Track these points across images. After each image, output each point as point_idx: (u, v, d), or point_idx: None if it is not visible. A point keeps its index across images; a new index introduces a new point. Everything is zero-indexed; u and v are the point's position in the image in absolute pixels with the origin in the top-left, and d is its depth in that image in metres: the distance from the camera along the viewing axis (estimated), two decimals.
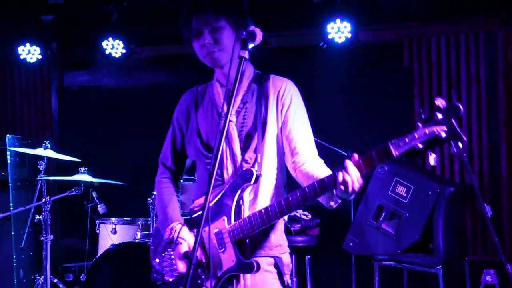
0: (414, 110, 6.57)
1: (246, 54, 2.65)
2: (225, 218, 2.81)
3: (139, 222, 5.22)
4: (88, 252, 5.59)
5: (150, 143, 6.90)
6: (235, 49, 2.64)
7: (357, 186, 2.52)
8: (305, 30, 6.48)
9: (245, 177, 2.78)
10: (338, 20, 5.89)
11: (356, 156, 2.56)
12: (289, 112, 3.00)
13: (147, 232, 5.03)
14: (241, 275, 2.77)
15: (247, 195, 2.88)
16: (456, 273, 5.34)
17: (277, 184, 2.99)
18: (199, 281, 2.85)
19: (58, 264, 6.08)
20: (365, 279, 5.71)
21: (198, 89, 3.31)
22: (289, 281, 2.95)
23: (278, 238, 2.92)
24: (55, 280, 5.57)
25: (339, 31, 5.95)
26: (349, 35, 5.96)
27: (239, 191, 2.79)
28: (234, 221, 2.77)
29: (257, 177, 2.77)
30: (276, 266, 2.88)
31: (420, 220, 4.95)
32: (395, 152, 2.45)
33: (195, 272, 2.81)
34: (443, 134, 2.36)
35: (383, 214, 5.17)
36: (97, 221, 5.44)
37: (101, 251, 5.16)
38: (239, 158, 2.92)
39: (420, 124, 2.42)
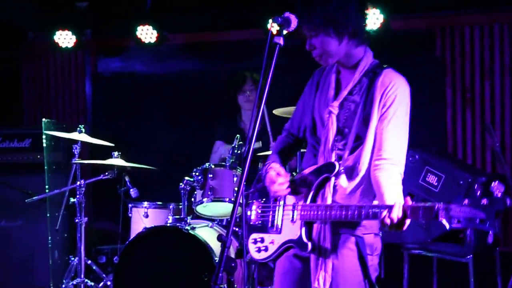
0: (446, 100, 6.54)
1: (281, 41, 2.69)
2: (305, 196, 2.93)
3: (171, 207, 5.25)
4: (121, 235, 5.62)
5: (181, 129, 7.02)
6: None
7: (395, 228, 2.58)
8: None
9: (328, 168, 2.86)
10: (369, 8, 5.89)
11: (408, 200, 2.58)
12: (387, 113, 2.92)
13: (179, 217, 5.06)
14: (322, 248, 2.88)
15: (332, 183, 2.92)
16: (487, 263, 5.31)
17: (367, 181, 2.96)
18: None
19: (92, 246, 6.16)
20: (394, 267, 5.71)
21: (325, 69, 3.24)
22: (375, 262, 2.98)
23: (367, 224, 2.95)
24: (89, 262, 5.63)
25: (371, 19, 5.95)
26: (381, 23, 5.95)
27: (321, 178, 2.87)
28: (310, 202, 2.87)
29: (338, 172, 2.84)
30: (357, 245, 2.92)
31: None
32: (440, 218, 2.49)
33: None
34: (478, 221, 2.39)
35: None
36: (130, 205, 5.47)
37: (133, 234, 5.20)
38: (332, 151, 2.95)
39: (466, 201, 2.43)
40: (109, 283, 5.42)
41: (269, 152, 5.20)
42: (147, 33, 6.60)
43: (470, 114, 6.49)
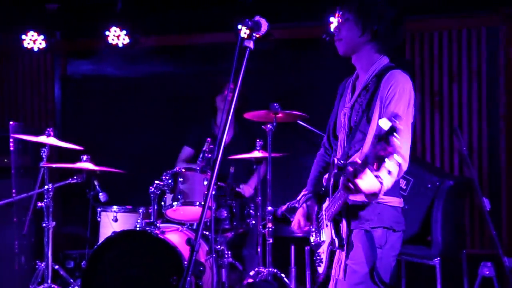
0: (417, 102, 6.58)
1: (251, 44, 2.70)
2: (327, 198, 3.09)
3: (140, 211, 5.24)
4: (89, 239, 5.59)
5: (153, 133, 7.01)
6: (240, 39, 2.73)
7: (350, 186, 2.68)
8: (308, 22, 6.49)
9: (338, 169, 2.98)
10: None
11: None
12: (387, 109, 3.01)
13: (148, 221, 5.05)
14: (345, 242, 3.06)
15: (342, 182, 2.92)
16: (454, 265, 5.36)
17: None
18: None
19: (60, 251, 6.12)
20: None
21: (347, 80, 3.39)
22: (387, 256, 3.02)
23: (369, 213, 3.03)
24: (56, 267, 5.58)
25: None
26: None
27: (332, 180, 3.01)
28: (329, 203, 3.06)
29: (345, 172, 2.82)
30: (366, 238, 3.01)
31: (419, 213, 4.97)
32: None
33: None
34: None
35: None
36: (99, 209, 5.46)
37: (102, 238, 5.18)
38: (344, 150, 3.11)
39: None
40: None
41: (243, 156, 5.24)
42: (118, 36, 6.56)
43: (438, 118, 6.53)
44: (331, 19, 5.91)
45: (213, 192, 4.96)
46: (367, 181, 2.65)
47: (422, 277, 5.52)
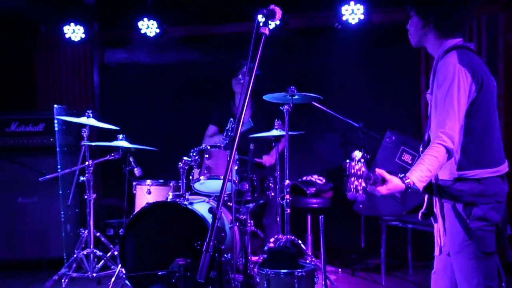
0: (420, 87, 6.57)
1: (266, 31, 2.74)
2: None
3: (171, 184, 5.30)
4: (126, 210, 5.64)
5: (181, 114, 7.05)
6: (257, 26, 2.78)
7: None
8: (321, 12, 6.47)
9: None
10: (352, 2, 5.90)
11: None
12: (435, 95, 3.07)
13: (178, 193, 5.09)
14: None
15: None
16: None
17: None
18: None
19: (100, 220, 6.19)
20: (372, 237, 5.79)
21: None
22: (477, 227, 3.00)
23: (451, 189, 3.04)
24: (98, 234, 5.69)
25: (352, 13, 5.97)
26: (362, 17, 5.97)
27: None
28: None
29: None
30: (453, 210, 3.03)
31: None
32: None
33: None
34: None
35: None
36: (134, 183, 5.53)
37: (137, 209, 5.23)
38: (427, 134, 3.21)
39: None
40: (116, 253, 5.47)
41: (262, 134, 5.27)
42: (149, 26, 6.61)
43: None
44: (342, 9, 5.90)
45: (236, 167, 5.03)
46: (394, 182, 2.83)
47: (427, 243, 5.53)
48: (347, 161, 2.75)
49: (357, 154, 2.78)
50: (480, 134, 3.05)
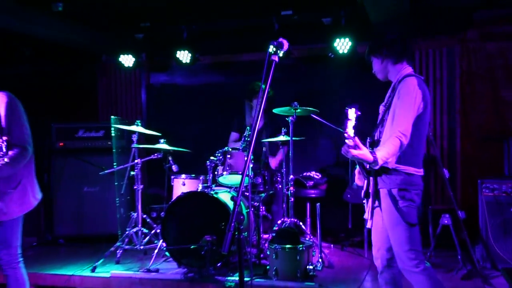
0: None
1: (276, 58, 2.73)
2: None
3: (201, 178, 5.27)
4: (166, 197, 5.69)
5: (207, 124, 7.06)
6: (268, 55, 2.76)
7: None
8: (318, 44, 6.44)
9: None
10: (342, 38, 5.86)
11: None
12: (396, 103, 3.15)
13: (206, 185, 5.09)
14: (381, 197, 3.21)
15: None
16: (423, 217, 5.32)
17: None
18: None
19: (146, 205, 6.17)
20: (357, 220, 5.71)
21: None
22: (406, 205, 3.12)
23: (387, 178, 3.14)
24: (144, 216, 5.68)
25: (342, 45, 5.92)
26: (350, 48, 5.92)
27: None
28: None
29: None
30: (390, 195, 3.12)
31: None
32: None
33: None
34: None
35: None
36: (172, 177, 5.51)
37: (174, 197, 5.22)
38: (378, 131, 3.31)
39: None
40: (158, 230, 5.47)
41: (272, 139, 5.25)
42: (185, 55, 6.60)
43: None
44: (334, 42, 5.86)
45: (251, 165, 5.00)
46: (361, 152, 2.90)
47: None
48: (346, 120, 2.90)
49: (350, 112, 2.90)
50: (416, 142, 3.14)
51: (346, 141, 2.85)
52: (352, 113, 2.90)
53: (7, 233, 3.62)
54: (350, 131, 2.86)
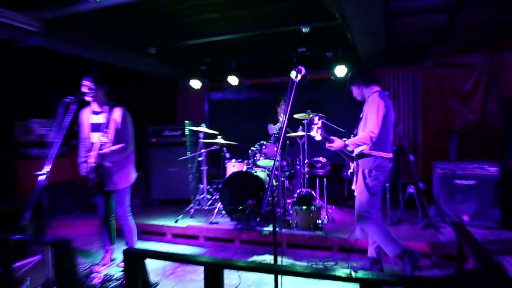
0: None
1: (297, 80, 2.76)
2: None
3: (245, 162, 5.31)
4: (222, 175, 5.71)
5: (248, 126, 7.08)
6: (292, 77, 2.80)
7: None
8: (324, 70, 6.37)
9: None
10: (340, 66, 5.78)
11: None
12: (367, 111, 3.26)
13: (249, 166, 5.11)
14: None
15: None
16: (395, 187, 5.26)
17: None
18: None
19: (209, 180, 6.25)
20: (350, 190, 5.61)
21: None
22: (371, 181, 3.25)
23: (363, 161, 3.28)
24: (208, 187, 5.77)
25: (340, 71, 5.84)
26: (346, 72, 5.84)
27: None
28: None
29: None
30: (362, 173, 3.28)
31: None
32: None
33: None
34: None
35: None
36: (226, 161, 5.56)
37: (227, 174, 5.25)
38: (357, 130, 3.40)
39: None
40: (217, 197, 5.52)
41: (294, 134, 5.23)
42: (233, 80, 6.62)
43: None
44: (335, 68, 5.79)
45: (279, 153, 5.00)
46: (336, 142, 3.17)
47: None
48: (313, 117, 3.14)
49: (316, 119, 3.13)
50: (384, 134, 3.21)
51: (315, 139, 3.08)
52: (316, 119, 3.11)
53: (121, 197, 3.75)
54: (314, 133, 3.08)
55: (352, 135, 3.42)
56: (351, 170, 3.46)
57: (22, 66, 6.27)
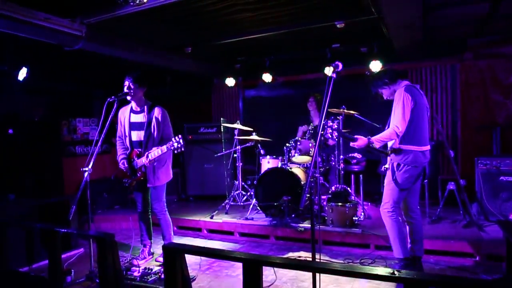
0: None
1: (334, 75, 2.69)
2: None
3: (280, 158, 5.26)
4: (257, 171, 5.71)
5: (282, 122, 7.02)
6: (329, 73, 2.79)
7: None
8: (359, 66, 6.21)
9: None
10: (375, 60, 5.60)
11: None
12: (393, 107, 3.20)
13: (283, 163, 5.05)
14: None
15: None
16: (434, 184, 5.07)
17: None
18: None
19: (244, 176, 6.27)
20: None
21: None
22: (400, 174, 3.20)
23: (394, 156, 3.21)
24: (242, 183, 5.76)
25: (375, 66, 5.66)
26: (381, 68, 5.65)
27: None
28: None
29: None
30: (391, 166, 3.25)
31: None
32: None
33: None
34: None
35: None
36: (260, 157, 5.53)
37: (262, 171, 5.22)
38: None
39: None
40: (252, 193, 5.51)
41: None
42: (267, 77, 6.57)
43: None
44: (370, 64, 5.61)
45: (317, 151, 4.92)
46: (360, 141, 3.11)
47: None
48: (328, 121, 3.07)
49: (329, 121, 3.07)
50: (413, 127, 3.13)
51: (329, 143, 3.25)
52: (330, 122, 3.07)
53: (159, 193, 3.80)
54: (329, 136, 3.03)
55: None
56: (386, 166, 3.37)
57: (68, 69, 6.51)
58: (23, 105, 7.24)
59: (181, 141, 3.37)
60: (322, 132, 2.88)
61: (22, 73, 5.36)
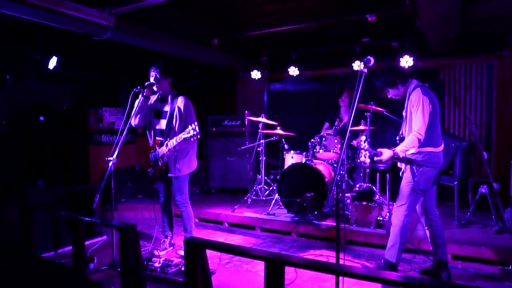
0: (445, 104, 5.95)
1: (365, 70, 2.58)
2: None
3: (304, 153, 5.16)
4: (280, 166, 5.63)
5: (307, 117, 6.87)
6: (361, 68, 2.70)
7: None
8: (389, 61, 5.97)
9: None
10: (406, 56, 5.38)
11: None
12: (411, 110, 3.12)
13: (308, 158, 4.95)
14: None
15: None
16: (464, 187, 4.84)
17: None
18: None
19: (267, 171, 6.19)
20: None
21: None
22: (419, 176, 3.12)
23: (414, 158, 3.13)
24: (265, 177, 5.67)
25: (406, 61, 5.44)
26: (412, 64, 5.42)
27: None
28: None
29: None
30: (411, 168, 3.18)
31: (447, 158, 4.48)
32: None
33: None
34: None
35: None
36: (284, 152, 5.44)
37: (286, 166, 5.13)
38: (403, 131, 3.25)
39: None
40: (274, 188, 5.44)
41: (355, 128, 4.97)
42: (293, 71, 6.45)
43: (457, 110, 5.86)
44: (401, 59, 5.39)
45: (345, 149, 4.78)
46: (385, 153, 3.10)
47: (447, 193, 4.97)
48: (361, 140, 3.05)
49: (363, 138, 3.03)
50: (432, 129, 3.08)
51: (365, 163, 3.16)
52: (363, 143, 3.07)
53: (181, 184, 3.77)
54: (362, 158, 3.05)
55: (397, 137, 3.25)
56: (402, 170, 3.28)
57: (95, 58, 6.58)
58: (53, 94, 7.39)
59: (196, 128, 3.32)
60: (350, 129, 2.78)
61: (53, 62, 5.44)
